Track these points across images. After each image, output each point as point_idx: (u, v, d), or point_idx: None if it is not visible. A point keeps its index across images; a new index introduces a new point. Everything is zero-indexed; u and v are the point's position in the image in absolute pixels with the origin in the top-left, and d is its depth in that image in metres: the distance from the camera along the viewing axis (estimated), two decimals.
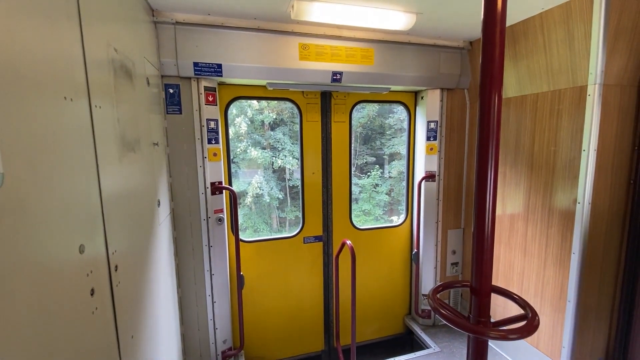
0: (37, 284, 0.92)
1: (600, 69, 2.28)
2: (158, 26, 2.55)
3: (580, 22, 2.32)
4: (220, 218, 2.99)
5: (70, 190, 1.13)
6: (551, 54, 2.57)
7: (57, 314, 1.00)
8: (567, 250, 2.56)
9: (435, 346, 3.45)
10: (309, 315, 3.69)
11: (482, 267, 1.38)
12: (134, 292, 1.74)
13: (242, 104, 9.67)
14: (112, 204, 1.46)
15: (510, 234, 3.09)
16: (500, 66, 1.28)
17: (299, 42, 2.90)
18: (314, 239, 3.60)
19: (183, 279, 2.92)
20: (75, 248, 1.13)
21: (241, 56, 2.77)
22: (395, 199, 11.46)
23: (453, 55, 3.39)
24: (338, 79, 3.06)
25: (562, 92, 2.55)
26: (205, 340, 3.05)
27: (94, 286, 1.25)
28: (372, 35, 3.07)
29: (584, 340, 2.58)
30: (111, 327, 1.41)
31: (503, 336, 1.38)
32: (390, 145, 11.38)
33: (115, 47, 1.61)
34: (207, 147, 2.86)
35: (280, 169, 10.54)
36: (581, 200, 2.43)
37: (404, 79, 3.27)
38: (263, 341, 3.55)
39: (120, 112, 1.62)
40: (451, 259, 3.82)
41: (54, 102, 1.06)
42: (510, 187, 3.07)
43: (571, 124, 2.49)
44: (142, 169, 1.97)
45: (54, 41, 1.08)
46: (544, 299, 2.76)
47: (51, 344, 0.97)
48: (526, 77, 2.82)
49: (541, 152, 2.75)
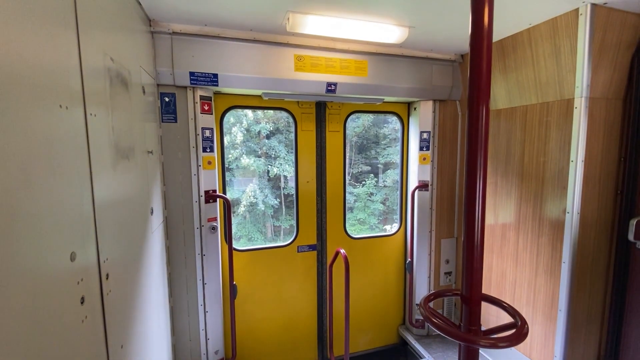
0: (26, 291, 0.91)
1: (586, 83, 2.35)
2: (155, 36, 2.58)
3: (566, 38, 2.40)
4: (214, 226, 2.98)
5: (63, 197, 1.13)
6: (539, 67, 2.65)
7: (46, 321, 1.00)
8: (557, 260, 2.59)
9: (429, 356, 3.43)
10: (302, 325, 3.66)
11: (472, 275, 1.40)
12: (125, 301, 1.72)
13: (238, 115, 9.72)
14: (104, 212, 1.46)
15: (502, 244, 3.12)
16: (488, 79, 1.33)
17: (294, 53, 2.95)
18: (308, 248, 3.60)
19: (175, 288, 2.88)
20: (66, 256, 1.13)
21: (237, 66, 2.81)
22: (390, 208, 11.49)
23: (445, 67, 3.47)
24: (332, 89, 3.11)
25: (550, 105, 2.62)
26: (196, 350, 3.00)
27: (84, 294, 1.24)
28: (366, 48, 3.13)
29: (575, 349, 2.60)
30: (101, 336, 1.39)
31: (493, 344, 1.39)
32: (385, 154, 11.48)
33: (111, 57, 1.63)
34: (202, 155, 2.88)
35: (275, 178, 10.53)
36: (570, 210, 2.48)
37: (397, 91, 3.33)
38: (256, 352, 3.50)
39: (115, 120, 1.63)
40: (445, 268, 3.83)
41: (50, 109, 1.07)
42: (501, 196, 3.11)
43: (559, 136, 2.56)
44: (136, 177, 1.98)
45: (51, 49, 1.09)
46: (536, 308, 2.78)
47: (39, 352, 0.96)
48: (515, 89, 2.90)
49: (531, 162, 2.81)
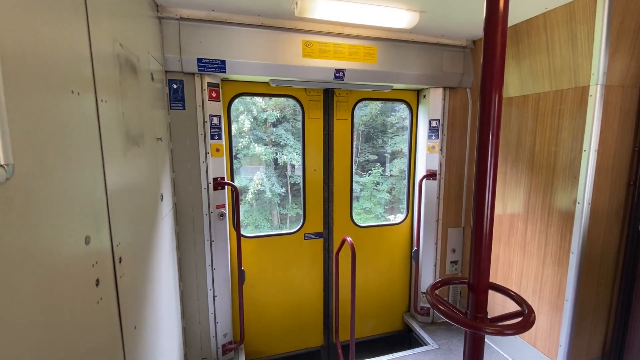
0: (44, 272, 0.94)
1: (602, 70, 2.28)
2: (162, 22, 2.57)
3: (583, 23, 2.32)
4: (222, 213, 3.02)
5: (77, 182, 1.15)
6: (554, 54, 2.57)
7: (63, 302, 1.03)
8: (566, 250, 2.57)
9: (433, 343, 3.48)
10: (308, 310, 3.73)
11: (480, 264, 1.40)
12: (137, 284, 1.77)
13: (247, 103, 9.68)
14: (116, 197, 1.48)
15: (510, 233, 3.10)
16: (501, 65, 1.29)
17: (302, 39, 2.91)
18: (315, 236, 3.63)
19: (185, 273, 2.95)
20: (81, 239, 1.16)
21: (245, 52, 2.78)
22: (396, 198, 11.47)
23: (456, 54, 3.39)
24: (341, 76, 3.07)
25: (564, 93, 2.55)
26: (205, 333, 3.09)
27: (99, 277, 1.28)
28: (375, 33, 3.07)
29: (580, 339, 2.60)
30: (115, 317, 1.44)
31: (499, 331, 1.40)
32: (392, 143, 11.38)
33: (120, 43, 1.62)
34: (210, 142, 2.89)
35: (281, 166, 10.55)
36: (581, 201, 2.44)
37: (406, 77, 3.27)
38: (263, 336, 3.59)
39: (125, 106, 1.64)
40: (451, 257, 3.84)
41: (62, 95, 1.08)
42: (510, 186, 3.08)
43: (572, 124, 2.50)
44: (146, 164, 2.00)
45: (61, 36, 1.10)
46: (542, 298, 2.78)
47: (58, 332, 1.00)
48: (528, 76, 2.83)
49: (542, 151, 2.76)
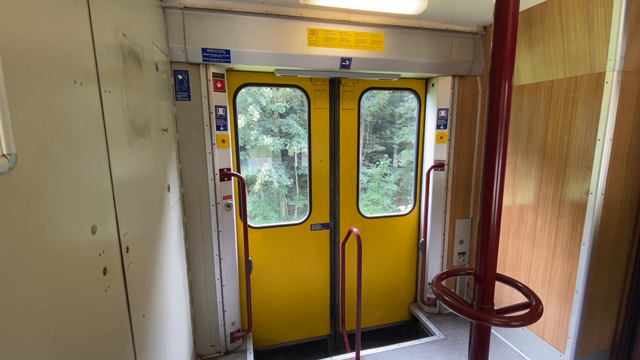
0: (51, 260, 0.96)
1: (619, 55, 2.19)
2: (166, 11, 2.54)
3: (600, 5, 2.22)
4: (229, 204, 3.04)
5: (82, 172, 1.16)
6: (569, 39, 2.47)
7: (71, 290, 1.05)
8: (577, 241, 2.52)
9: (439, 333, 3.48)
10: (315, 300, 3.76)
11: (487, 255, 1.38)
12: (145, 273, 1.79)
13: (254, 94, 9.64)
14: (122, 187, 1.50)
15: (519, 225, 3.05)
16: (512, 52, 1.25)
17: (308, 27, 2.86)
18: (321, 227, 3.63)
19: (193, 263, 2.99)
20: (87, 228, 1.18)
21: (249, 42, 2.75)
22: (404, 189, 11.38)
23: (466, 40, 3.30)
24: (347, 65, 3.02)
25: (579, 79, 2.46)
26: (214, 321, 3.15)
27: (106, 266, 1.30)
28: (382, 20, 3.00)
29: (590, 331, 2.57)
30: (123, 305, 1.47)
31: (505, 323, 1.38)
32: (400, 134, 11.23)
33: (123, 32, 1.62)
34: (216, 133, 2.89)
35: (289, 157, 10.54)
36: (594, 191, 2.38)
37: (414, 66, 3.20)
38: (270, 324, 3.64)
39: (129, 97, 1.64)
40: (458, 248, 3.80)
41: (65, 86, 1.08)
42: (520, 176, 3.02)
43: (587, 112, 2.42)
44: (152, 154, 2.01)
45: (63, 25, 1.09)
46: (551, 290, 2.75)
47: (67, 319, 1.02)
48: (541, 63, 2.73)
49: (554, 141, 2.68)
